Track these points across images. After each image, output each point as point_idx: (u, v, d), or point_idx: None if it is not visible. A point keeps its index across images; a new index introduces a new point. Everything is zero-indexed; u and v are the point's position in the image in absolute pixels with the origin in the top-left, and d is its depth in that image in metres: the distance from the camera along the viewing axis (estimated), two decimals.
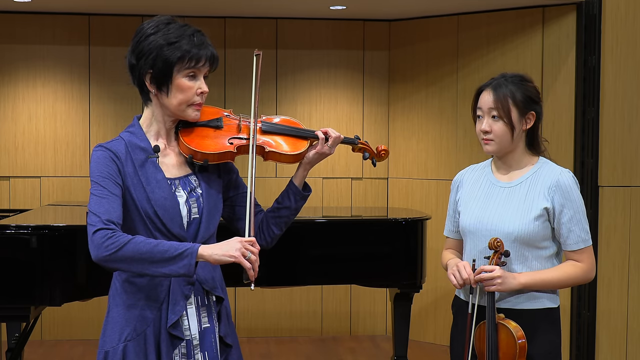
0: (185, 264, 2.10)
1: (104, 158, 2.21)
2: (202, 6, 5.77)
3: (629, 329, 5.31)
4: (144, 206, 2.20)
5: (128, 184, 2.21)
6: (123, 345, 2.20)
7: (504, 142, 2.60)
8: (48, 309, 5.39)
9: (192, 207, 2.29)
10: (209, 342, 2.31)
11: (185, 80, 2.24)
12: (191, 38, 2.24)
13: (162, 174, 2.26)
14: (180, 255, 2.10)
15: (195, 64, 2.24)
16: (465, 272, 2.56)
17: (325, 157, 2.44)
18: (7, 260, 3.79)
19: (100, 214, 2.13)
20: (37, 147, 6.07)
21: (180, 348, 2.25)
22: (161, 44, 2.22)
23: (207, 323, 2.32)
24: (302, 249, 4.32)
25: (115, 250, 2.10)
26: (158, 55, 2.22)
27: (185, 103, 2.26)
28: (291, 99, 6.31)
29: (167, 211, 2.22)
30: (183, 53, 2.22)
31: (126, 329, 2.21)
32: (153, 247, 2.10)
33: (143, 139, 2.28)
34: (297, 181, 2.45)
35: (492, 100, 2.58)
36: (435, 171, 6.14)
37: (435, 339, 6.08)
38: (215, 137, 2.34)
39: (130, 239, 2.11)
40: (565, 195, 2.58)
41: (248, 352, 5.86)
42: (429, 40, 6.12)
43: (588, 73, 5.31)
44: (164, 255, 2.10)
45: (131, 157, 2.23)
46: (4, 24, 5.99)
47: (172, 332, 2.22)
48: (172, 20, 2.29)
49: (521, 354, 2.52)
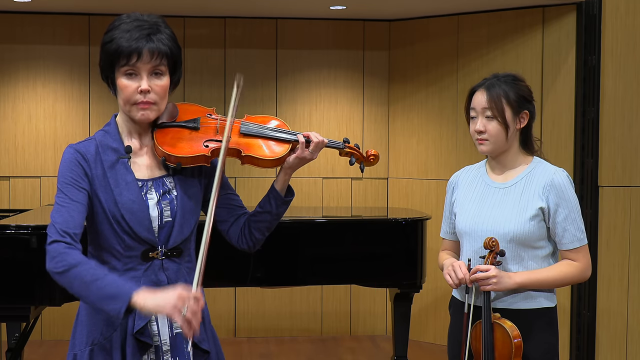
0: (116, 308, 1.98)
1: (69, 161, 2.14)
2: (202, 6, 5.77)
3: (629, 328, 5.31)
4: (111, 209, 2.13)
5: (96, 187, 2.13)
6: (89, 349, 2.14)
7: (499, 141, 2.60)
8: (48, 309, 5.39)
9: (165, 210, 2.19)
10: (181, 348, 2.21)
11: (124, 79, 2.12)
12: (132, 33, 2.10)
13: (133, 175, 2.17)
14: (114, 298, 1.98)
15: (128, 61, 2.10)
16: (461, 272, 2.56)
17: (306, 162, 2.32)
18: (7, 260, 3.80)
19: (57, 223, 2.09)
20: (37, 147, 6.07)
21: (149, 354, 2.18)
22: (105, 41, 2.14)
23: (179, 328, 2.16)
24: (302, 249, 4.32)
25: (61, 270, 2.05)
26: (102, 52, 2.15)
27: (128, 103, 2.14)
28: (291, 99, 6.31)
29: (134, 214, 2.14)
30: (116, 50, 2.09)
31: (93, 333, 2.15)
32: (94, 280, 2.01)
33: (116, 139, 2.19)
34: (279, 186, 2.31)
35: (486, 100, 2.59)
36: (435, 171, 6.14)
37: (435, 339, 6.09)
38: (189, 140, 2.21)
39: (78, 262, 2.03)
40: (560, 194, 2.58)
41: (248, 352, 5.86)
42: (429, 40, 6.12)
43: (588, 73, 5.31)
44: (100, 291, 2.00)
45: (101, 158, 2.15)
46: (4, 24, 5.99)
47: (139, 337, 2.14)
48: (135, 14, 2.18)
49: (517, 354, 2.53)
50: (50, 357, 5.68)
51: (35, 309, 3.91)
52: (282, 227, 4.28)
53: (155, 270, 2.19)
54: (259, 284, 4.36)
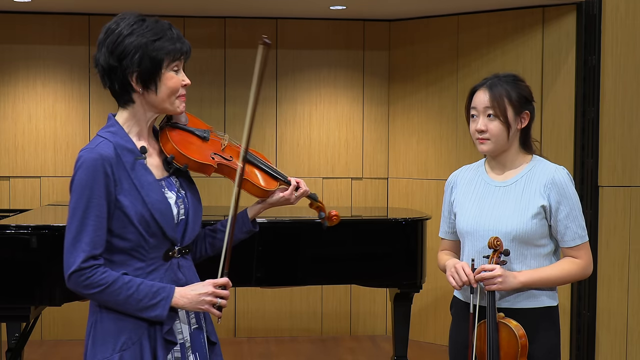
0: (158, 315, 2.17)
1: (94, 171, 2.13)
2: (202, 6, 5.77)
3: (629, 328, 5.31)
4: (140, 210, 2.16)
5: (117, 191, 2.15)
6: (118, 355, 2.17)
7: (500, 140, 2.60)
8: (48, 309, 5.39)
9: (180, 208, 2.27)
10: (199, 343, 2.32)
11: (173, 74, 2.24)
12: (171, 32, 2.23)
13: (153, 176, 2.23)
14: (154, 307, 2.16)
15: (179, 58, 2.24)
16: (464, 274, 2.56)
17: (287, 204, 2.47)
18: (7, 260, 3.79)
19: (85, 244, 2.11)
20: (37, 147, 6.07)
21: (173, 352, 2.25)
22: (145, 42, 2.18)
23: (195, 324, 2.32)
24: (302, 248, 4.32)
25: (94, 292, 2.13)
26: (145, 53, 2.18)
27: (174, 95, 2.24)
28: (291, 98, 6.30)
29: (163, 214, 2.19)
30: (169, 49, 2.21)
31: (120, 339, 2.18)
32: (129, 295, 2.14)
33: (128, 140, 2.22)
34: (251, 214, 2.47)
35: (488, 100, 2.59)
36: (435, 171, 6.14)
37: (435, 339, 6.08)
38: (200, 146, 2.33)
39: (110, 281, 2.13)
40: (561, 192, 2.58)
41: (248, 352, 5.86)
42: (429, 40, 6.12)
43: (588, 73, 5.31)
44: (139, 304, 2.15)
45: (122, 160, 2.17)
46: (4, 24, 5.99)
47: (168, 337, 2.21)
48: (143, 16, 2.25)
49: (523, 353, 2.52)
50: (50, 357, 5.68)
51: (35, 309, 3.91)
52: (282, 227, 4.29)
53: (174, 269, 2.27)
54: (259, 284, 4.35)
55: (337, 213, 2.59)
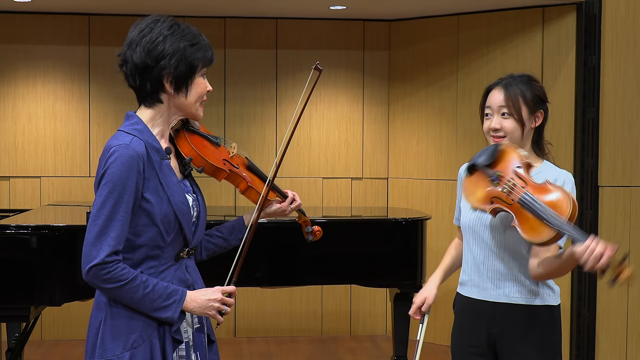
0: (169, 317, 2.20)
1: (129, 167, 2.14)
2: (202, 6, 5.77)
3: (629, 329, 5.31)
4: (165, 210, 2.18)
5: (144, 189, 2.17)
6: (129, 354, 2.18)
7: (514, 138, 2.63)
8: (48, 309, 5.39)
9: (194, 210, 2.32)
10: (200, 342, 2.36)
11: (202, 79, 2.29)
12: (202, 39, 2.29)
13: (176, 177, 2.27)
14: (166, 308, 2.19)
15: (207, 65, 2.30)
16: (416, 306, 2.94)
17: (282, 215, 2.55)
18: (7, 260, 3.80)
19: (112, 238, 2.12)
20: (37, 147, 6.07)
21: (178, 351, 2.28)
22: (183, 46, 2.22)
23: (197, 324, 2.37)
24: (302, 248, 4.32)
25: (112, 287, 2.14)
26: (183, 56, 2.22)
27: (200, 100, 2.30)
28: (291, 98, 6.30)
29: (184, 215, 2.24)
30: (203, 56, 2.26)
31: (132, 337, 2.19)
32: (145, 295, 2.16)
33: (155, 140, 2.24)
34: (247, 221, 2.53)
35: (503, 99, 2.62)
36: (435, 171, 6.14)
37: (435, 339, 6.08)
38: (214, 151, 2.39)
39: (129, 278, 2.14)
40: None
41: (248, 352, 5.86)
42: (429, 40, 6.12)
43: (588, 73, 5.31)
44: (153, 304, 2.17)
45: (151, 158, 2.19)
46: (4, 24, 5.99)
47: (175, 336, 2.24)
48: (175, 20, 2.30)
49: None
50: (50, 357, 5.68)
51: (35, 309, 3.91)
52: (282, 227, 4.29)
53: (182, 269, 2.31)
54: (259, 284, 4.35)
55: (320, 229, 2.71)
